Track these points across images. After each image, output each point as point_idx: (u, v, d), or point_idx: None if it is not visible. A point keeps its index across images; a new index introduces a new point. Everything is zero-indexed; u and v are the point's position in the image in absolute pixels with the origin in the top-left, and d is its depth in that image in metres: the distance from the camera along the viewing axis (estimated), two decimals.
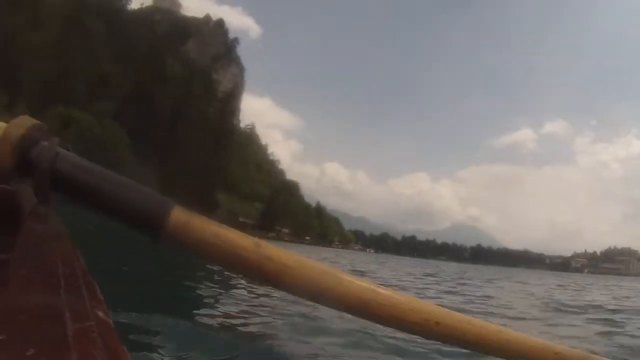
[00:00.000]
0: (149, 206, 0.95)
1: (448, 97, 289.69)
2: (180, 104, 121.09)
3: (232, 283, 9.23)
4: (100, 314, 0.59)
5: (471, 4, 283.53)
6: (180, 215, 1.01)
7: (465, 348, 1.09)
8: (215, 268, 8.90)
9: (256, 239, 1.12)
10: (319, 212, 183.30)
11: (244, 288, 8.54)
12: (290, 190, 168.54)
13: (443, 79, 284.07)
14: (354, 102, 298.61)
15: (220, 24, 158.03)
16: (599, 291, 21.92)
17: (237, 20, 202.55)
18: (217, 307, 6.88)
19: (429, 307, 1.06)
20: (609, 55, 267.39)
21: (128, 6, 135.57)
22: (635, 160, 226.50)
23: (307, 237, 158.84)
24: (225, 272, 9.04)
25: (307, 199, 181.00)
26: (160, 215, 0.97)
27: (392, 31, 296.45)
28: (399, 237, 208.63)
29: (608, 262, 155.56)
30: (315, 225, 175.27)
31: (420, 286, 15.94)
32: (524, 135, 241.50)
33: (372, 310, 1.00)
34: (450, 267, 49.89)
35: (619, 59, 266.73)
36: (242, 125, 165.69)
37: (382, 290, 0.99)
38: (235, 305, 7.06)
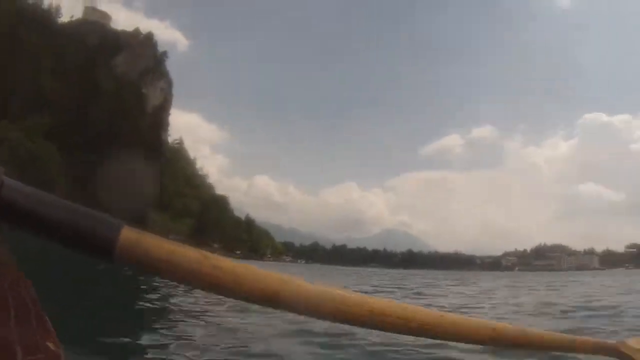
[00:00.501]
0: (98, 229, 0.91)
1: (377, 108, 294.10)
2: (113, 118, 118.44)
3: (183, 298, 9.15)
4: (51, 345, 0.55)
5: (400, 16, 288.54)
6: (130, 235, 0.97)
7: (410, 335, 1.22)
8: (170, 284, 8.73)
9: (205, 252, 1.10)
10: (249, 225, 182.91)
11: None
12: (219, 204, 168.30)
13: (370, 91, 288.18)
14: (282, 115, 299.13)
15: (149, 37, 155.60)
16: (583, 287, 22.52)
17: (165, 34, 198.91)
18: (175, 333, 6.67)
19: (372, 300, 1.18)
20: (535, 62, 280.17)
21: (59, 19, 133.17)
22: (563, 161, 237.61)
23: (238, 252, 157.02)
24: (179, 287, 9.02)
25: (237, 213, 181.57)
26: (111, 236, 0.93)
27: (321, 43, 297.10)
28: (329, 247, 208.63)
29: (539, 259, 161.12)
30: (246, 238, 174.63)
31: None
32: (452, 140, 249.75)
33: (321, 309, 1.10)
34: (382, 275, 48.09)
35: (545, 66, 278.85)
36: (171, 140, 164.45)
37: (329, 289, 1.10)
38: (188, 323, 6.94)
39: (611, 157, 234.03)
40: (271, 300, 1.23)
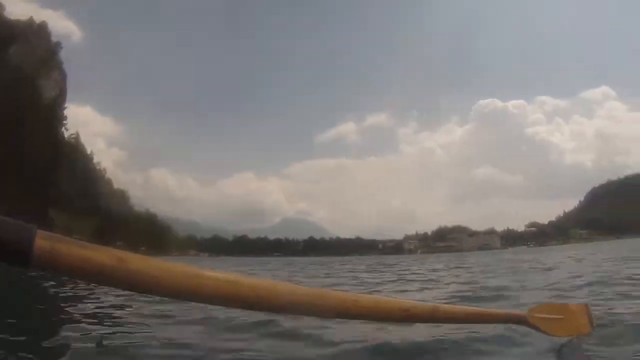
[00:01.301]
0: (11, 236, 0.88)
1: (271, 96, 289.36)
2: (8, 112, 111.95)
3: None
4: None
5: (297, 3, 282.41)
6: (44, 240, 0.94)
7: (323, 317, 1.30)
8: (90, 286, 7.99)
9: (120, 252, 1.12)
10: (151, 220, 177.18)
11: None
12: (120, 200, 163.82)
13: (265, 79, 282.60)
14: (177, 107, 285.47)
15: (43, 26, 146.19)
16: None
17: (59, 25, 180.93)
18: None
19: (288, 286, 1.28)
20: (428, 52, 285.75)
21: None
22: (457, 145, 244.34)
23: (142, 248, 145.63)
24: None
25: (137, 208, 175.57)
26: (25, 242, 0.90)
27: (216, 33, 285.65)
28: (230, 238, 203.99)
29: (440, 241, 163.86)
30: (149, 233, 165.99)
31: None
32: (347, 127, 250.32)
33: (236, 297, 1.32)
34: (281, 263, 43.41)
35: (438, 56, 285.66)
36: (67, 134, 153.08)
37: (243, 279, 1.35)
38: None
39: (506, 142, 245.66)
40: (189, 294, 1.29)
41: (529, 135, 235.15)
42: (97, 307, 6.26)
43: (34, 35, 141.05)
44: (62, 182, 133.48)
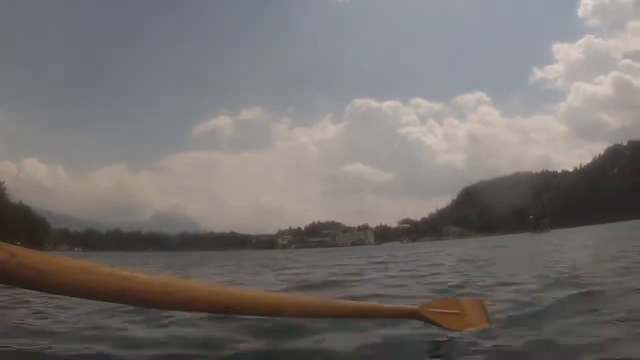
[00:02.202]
0: None
1: (143, 86, 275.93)
2: None
3: None
4: None
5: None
6: None
7: (231, 314, 1.40)
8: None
9: (11, 247, 1.09)
10: (25, 213, 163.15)
11: None
12: None
13: (137, 69, 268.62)
14: (50, 93, 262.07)
15: None
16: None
17: None
18: None
19: (182, 283, 1.51)
20: (305, 49, 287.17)
21: None
22: (330, 143, 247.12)
23: (18, 242, 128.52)
24: None
25: (12, 200, 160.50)
26: None
27: (91, 16, 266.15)
28: (104, 232, 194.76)
29: (314, 236, 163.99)
30: (23, 227, 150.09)
31: None
32: (222, 121, 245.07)
33: (134, 296, 1.34)
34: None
35: (315, 54, 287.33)
36: None
37: (137, 276, 1.36)
38: None
39: (379, 141, 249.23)
40: (86, 291, 1.26)
41: (402, 135, 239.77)
42: None
43: None
44: None
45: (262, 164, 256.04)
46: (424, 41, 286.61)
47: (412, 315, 3.13)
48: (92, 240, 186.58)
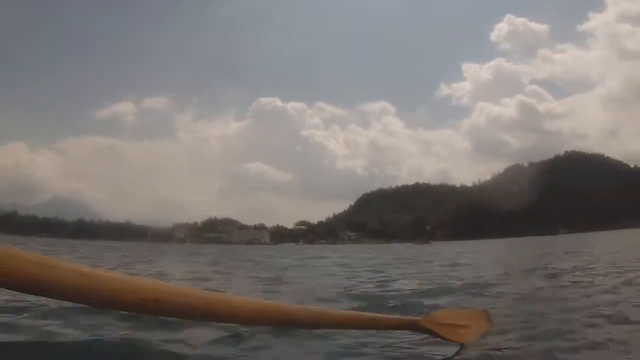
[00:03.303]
0: None
1: (51, 62, 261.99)
2: None
3: None
4: None
5: None
6: None
7: (190, 319, 1.44)
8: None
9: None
10: None
11: None
12: None
13: (42, 43, 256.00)
14: None
15: None
16: None
17: None
18: None
19: (145, 283, 1.41)
20: (214, 42, 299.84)
21: None
22: (232, 139, 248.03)
23: None
24: None
25: None
26: None
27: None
28: (1, 214, 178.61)
29: (210, 232, 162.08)
30: None
31: None
32: (125, 107, 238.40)
33: (88, 295, 1.28)
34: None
35: (223, 47, 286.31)
36: None
37: (98, 272, 1.30)
38: None
39: (281, 141, 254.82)
40: (37, 288, 1.17)
41: (304, 137, 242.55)
42: None
43: None
44: None
45: (163, 155, 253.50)
46: (335, 45, 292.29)
47: (413, 326, 3.02)
48: None
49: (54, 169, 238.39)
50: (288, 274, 12.99)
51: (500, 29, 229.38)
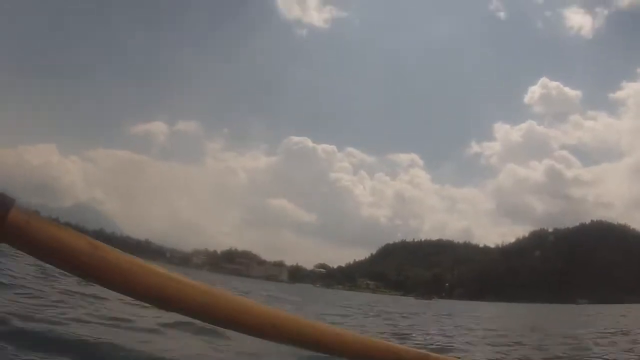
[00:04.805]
0: None
1: (91, 73, 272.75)
2: None
3: None
4: None
5: None
6: (19, 214, 0.93)
7: (304, 348, 1.42)
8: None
9: (94, 241, 1.11)
10: None
11: None
12: None
13: (87, 57, 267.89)
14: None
15: None
16: None
17: None
18: None
19: (266, 309, 1.51)
20: (251, 74, 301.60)
21: None
22: (260, 173, 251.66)
23: None
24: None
25: None
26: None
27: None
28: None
29: (229, 262, 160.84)
30: None
31: None
32: (157, 127, 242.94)
33: (208, 311, 1.35)
34: None
35: (262, 82, 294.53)
36: None
37: (216, 291, 1.38)
38: None
39: (308, 181, 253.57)
40: (159, 299, 1.22)
41: (332, 180, 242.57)
42: None
43: None
44: None
45: (189, 178, 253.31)
46: (371, 93, 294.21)
47: None
48: None
49: (80, 175, 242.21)
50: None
51: (534, 92, 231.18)
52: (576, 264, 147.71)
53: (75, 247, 1.14)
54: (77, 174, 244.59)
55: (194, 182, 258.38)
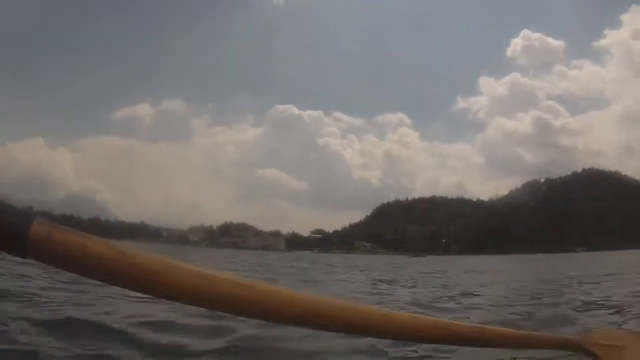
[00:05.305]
0: (6, 221, 0.91)
1: (70, 62, 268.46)
2: None
3: None
4: None
5: None
6: (42, 228, 0.98)
7: (355, 334, 1.37)
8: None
9: (121, 247, 1.12)
10: None
11: None
12: None
13: (65, 43, 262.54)
14: None
15: None
16: None
17: None
18: None
19: (309, 297, 1.30)
20: (232, 48, 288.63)
21: None
22: (248, 145, 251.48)
23: None
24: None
25: None
26: (20, 228, 0.93)
27: None
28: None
29: (226, 236, 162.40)
30: None
31: None
32: (142, 109, 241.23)
33: (247, 306, 1.19)
34: None
35: (241, 53, 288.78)
36: None
37: (256, 284, 1.34)
38: None
39: (297, 149, 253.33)
40: (195, 298, 1.22)
41: (320, 145, 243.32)
42: None
43: None
44: None
45: (179, 158, 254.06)
46: (352, 55, 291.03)
47: (571, 346, 2.54)
48: None
49: (70, 166, 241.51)
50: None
51: (516, 44, 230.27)
52: (571, 212, 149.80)
53: (100, 255, 1.17)
54: (66, 165, 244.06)
55: (184, 160, 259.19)
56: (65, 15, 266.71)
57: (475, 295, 12.38)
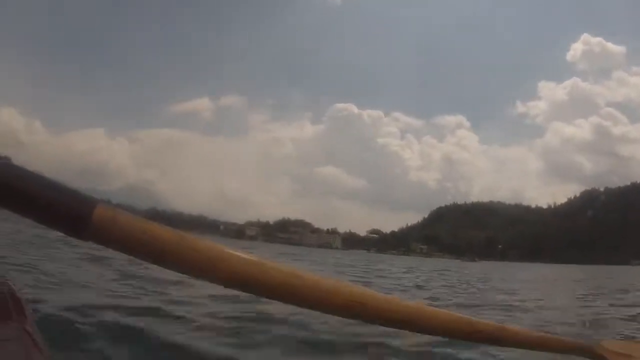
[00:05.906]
0: (72, 204, 0.94)
1: (134, 56, 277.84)
2: None
3: None
4: (28, 328, 0.54)
5: None
6: (105, 212, 1.02)
7: (390, 327, 1.29)
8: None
9: (181, 232, 1.16)
10: None
11: None
12: None
13: (130, 38, 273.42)
14: (35, 47, 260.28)
15: None
16: None
17: None
18: None
19: (353, 288, 1.23)
20: (292, 45, 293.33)
21: None
22: (307, 142, 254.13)
23: None
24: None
25: None
26: (85, 212, 0.96)
27: None
28: None
29: (282, 232, 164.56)
30: None
31: None
32: (202, 104, 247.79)
33: (298, 295, 1.32)
34: None
35: (300, 51, 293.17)
36: None
37: (306, 275, 1.34)
38: None
39: (356, 147, 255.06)
40: (250, 286, 1.24)
41: (379, 145, 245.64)
42: None
43: None
44: None
45: (237, 152, 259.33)
46: (413, 55, 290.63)
47: (586, 351, 2.43)
48: None
49: (129, 157, 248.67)
50: None
51: (576, 49, 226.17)
52: (629, 223, 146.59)
53: (162, 238, 1.15)
54: (125, 156, 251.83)
55: (242, 155, 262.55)
56: (131, 12, 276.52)
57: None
